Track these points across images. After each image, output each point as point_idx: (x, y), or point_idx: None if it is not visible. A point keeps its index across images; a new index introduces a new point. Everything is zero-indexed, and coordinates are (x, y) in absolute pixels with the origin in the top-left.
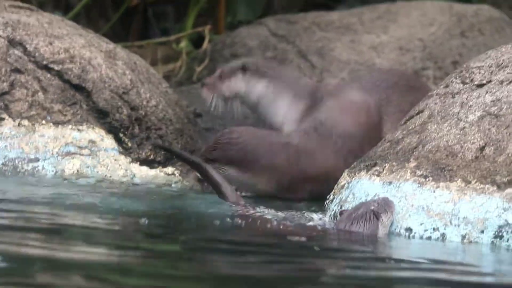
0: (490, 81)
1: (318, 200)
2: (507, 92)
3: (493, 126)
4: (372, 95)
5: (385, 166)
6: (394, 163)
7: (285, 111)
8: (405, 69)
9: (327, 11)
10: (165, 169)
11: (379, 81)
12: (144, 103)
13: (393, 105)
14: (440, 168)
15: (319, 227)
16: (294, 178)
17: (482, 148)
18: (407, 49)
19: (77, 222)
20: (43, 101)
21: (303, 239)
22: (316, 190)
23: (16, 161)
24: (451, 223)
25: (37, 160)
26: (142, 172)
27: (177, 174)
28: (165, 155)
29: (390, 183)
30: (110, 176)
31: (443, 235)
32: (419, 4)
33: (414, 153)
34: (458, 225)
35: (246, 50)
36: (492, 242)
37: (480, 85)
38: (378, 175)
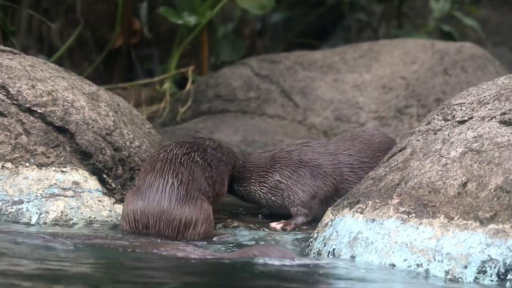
0: (471, 118)
1: None
2: (489, 128)
3: (475, 162)
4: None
5: (368, 203)
6: (377, 200)
7: None
8: (388, 106)
9: (310, 51)
10: None
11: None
12: (128, 144)
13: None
14: (423, 205)
15: None
16: None
17: (464, 184)
18: (390, 87)
19: None
20: (26, 144)
21: None
22: None
23: (0, 204)
24: (434, 259)
25: (21, 202)
26: None
27: None
28: None
29: (373, 220)
30: (95, 218)
31: (426, 271)
32: (401, 42)
33: (397, 190)
34: (442, 261)
35: (230, 90)
36: (475, 277)
37: (462, 122)
38: (361, 213)
